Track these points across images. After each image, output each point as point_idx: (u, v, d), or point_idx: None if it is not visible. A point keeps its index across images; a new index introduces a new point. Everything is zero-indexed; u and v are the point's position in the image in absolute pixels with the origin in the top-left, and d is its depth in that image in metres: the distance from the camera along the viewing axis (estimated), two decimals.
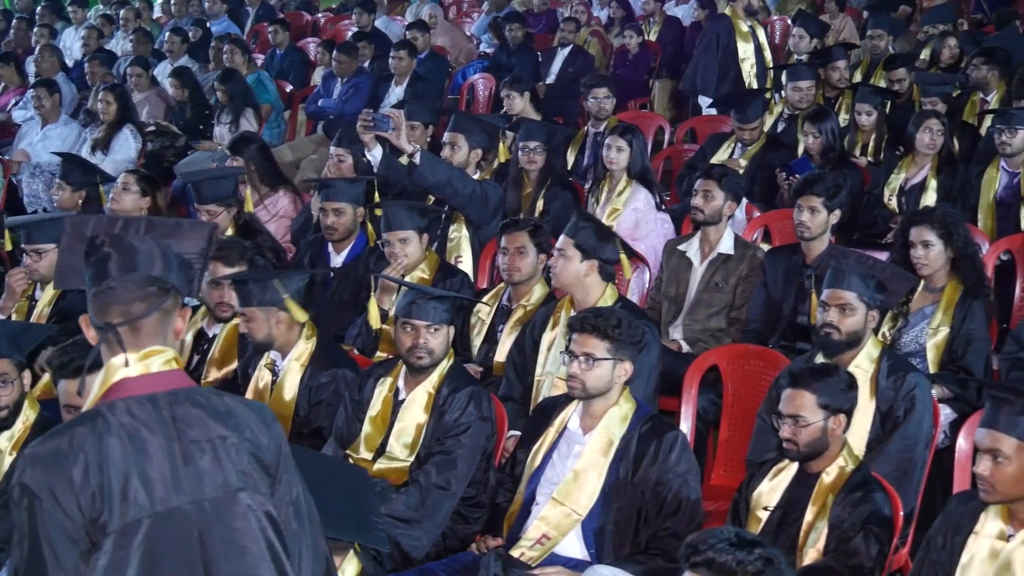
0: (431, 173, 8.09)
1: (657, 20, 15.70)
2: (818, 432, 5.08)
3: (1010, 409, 4.55)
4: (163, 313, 3.44)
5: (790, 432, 5.10)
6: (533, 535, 5.42)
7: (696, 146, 10.81)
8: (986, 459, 4.55)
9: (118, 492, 3.25)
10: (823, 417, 5.07)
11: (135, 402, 3.34)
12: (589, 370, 5.37)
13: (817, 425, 5.07)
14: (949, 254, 6.84)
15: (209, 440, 3.38)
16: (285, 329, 6.26)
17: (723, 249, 7.67)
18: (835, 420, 5.10)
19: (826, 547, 4.99)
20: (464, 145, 8.68)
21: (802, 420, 5.07)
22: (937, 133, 8.94)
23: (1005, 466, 4.52)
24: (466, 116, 9.62)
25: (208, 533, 3.33)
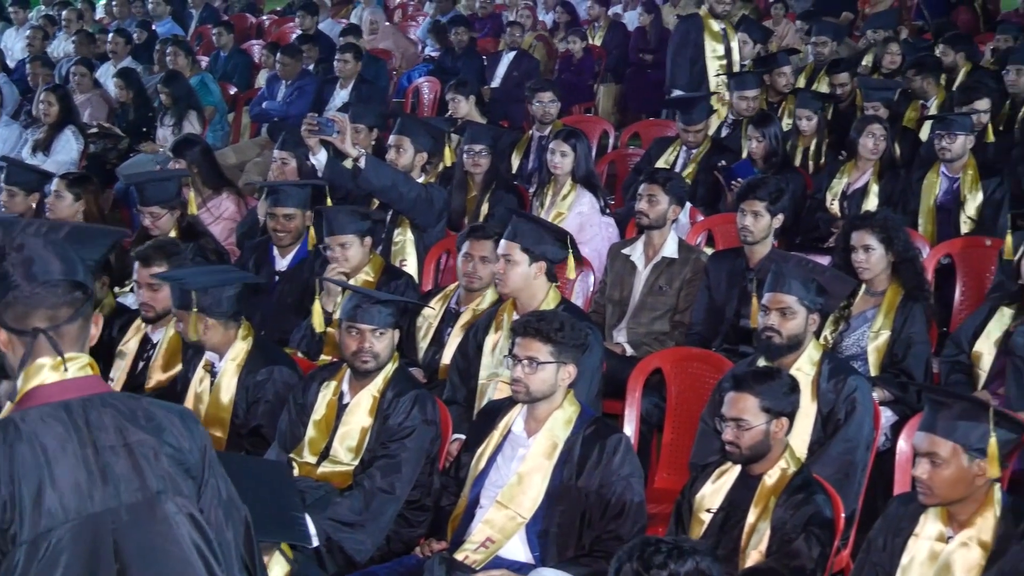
0: (376, 177, 8.08)
1: (602, 25, 15.77)
2: (760, 435, 5.11)
3: (948, 413, 4.60)
4: (84, 319, 3.40)
5: (733, 435, 5.13)
6: (477, 538, 5.42)
7: (641, 150, 10.85)
8: (924, 462, 4.60)
9: (30, 502, 3.19)
10: (765, 420, 5.11)
11: (49, 409, 3.28)
12: (533, 374, 5.39)
13: (759, 428, 5.10)
14: (890, 258, 6.90)
15: (125, 445, 3.32)
16: (220, 330, 6.26)
17: (667, 253, 7.69)
18: (777, 423, 5.14)
19: (768, 549, 5.02)
20: (409, 148, 8.68)
21: (744, 423, 5.11)
22: (880, 138, 9.02)
23: (942, 469, 4.57)
24: (412, 119, 9.63)
25: (125, 539, 3.27)
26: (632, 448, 5.59)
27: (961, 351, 6.83)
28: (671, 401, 6.74)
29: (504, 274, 6.53)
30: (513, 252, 6.51)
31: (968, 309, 7.77)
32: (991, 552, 4.58)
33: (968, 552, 4.62)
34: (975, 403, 4.72)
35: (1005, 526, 4.60)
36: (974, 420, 4.59)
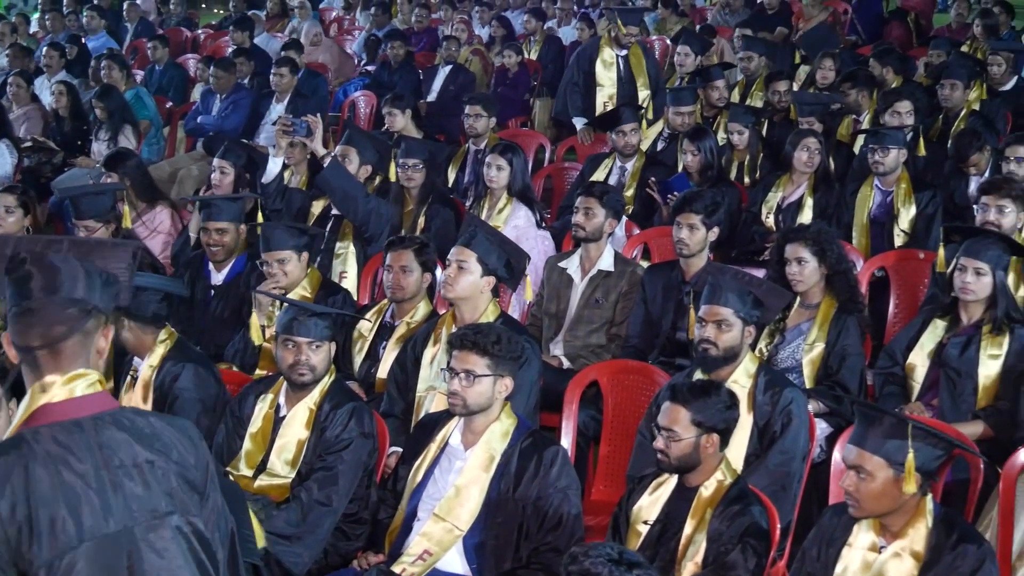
0: (336, 179, 8.10)
1: (538, 39, 15.78)
2: (689, 448, 5.13)
3: (876, 429, 4.64)
4: (84, 335, 3.38)
5: (663, 444, 5.16)
6: (415, 551, 5.43)
7: (577, 164, 10.88)
8: (851, 475, 4.65)
9: (46, 525, 3.19)
10: (695, 434, 5.12)
11: (60, 428, 3.28)
12: (470, 387, 5.40)
13: (688, 441, 5.12)
14: (823, 271, 6.95)
15: (136, 465, 3.33)
16: (138, 333, 6.25)
17: (603, 266, 7.73)
18: (708, 439, 5.14)
19: (704, 560, 5.04)
20: (355, 159, 8.70)
21: (674, 435, 5.13)
22: (814, 152, 9.08)
23: (868, 482, 4.61)
24: (360, 131, 9.62)
25: (138, 559, 3.27)
26: (569, 460, 5.61)
27: (895, 363, 6.88)
28: (608, 413, 6.77)
29: (453, 279, 6.52)
30: (469, 260, 6.52)
31: (902, 321, 7.83)
32: (923, 562, 4.62)
33: (901, 563, 4.65)
34: (901, 419, 4.75)
35: (937, 536, 4.64)
36: (900, 436, 4.63)
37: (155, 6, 20.30)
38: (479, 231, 6.65)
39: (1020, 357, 6.53)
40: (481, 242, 6.54)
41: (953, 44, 13.59)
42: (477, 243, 6.53)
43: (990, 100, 11.44)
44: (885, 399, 6.77)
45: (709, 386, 5.30)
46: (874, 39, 15.67)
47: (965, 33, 14.97)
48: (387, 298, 7.20)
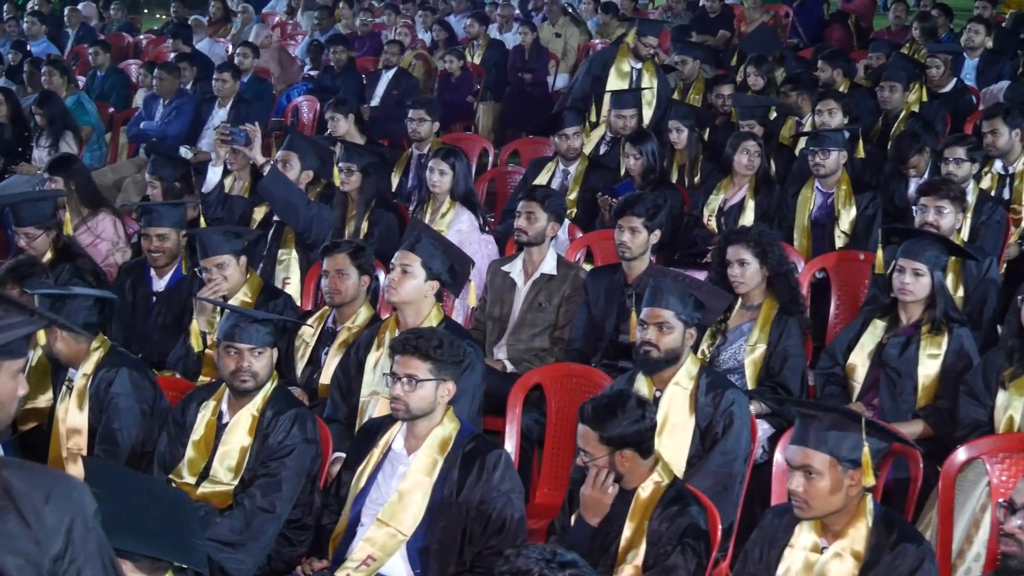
0: (276, 187, 8.09)
1: (481, 43, 15.80)
2: (606, 466, 5.12)
3: (819, 425, 4.66)
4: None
5: (583, 462, 5.16)
6: (358, 556, 5.42)
7: (520, 168, 10.90)
8: (798, 475, 4.66)
9: None
10: (607, 453, 5.10)
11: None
12: (412, 391, 5.39)
13: (603, 460, 5.11)
14: (764, 272, 6.99)
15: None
16: (71, 342, 6.23)
17: (546, 269, 7.74)
18: (621, 455, 5.10)
19: (645, 563, 5.04)
20: (296, 165, 8.69)
21: (588, 454, 5.12)
22: (754, 154, 9.14)
23: (817, 481, 4.62)
24: (302, 137, 9.62)
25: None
26: (512, 464, 5.62)
27: (836, 363, 6.93)
28: (551, 417, 6.77)
29: (397, 283, 6.50)
30: (413, 264, 6.51)
31: (843, 322, 7.89)
32: (864, 562, 4.65)
33: (842, 563, 4.67)
34: (846, 414, 4.79)
35: (877, 536, 4.67)
36: (846, 431, 4.66)
37: (97, 11, 20.19)
38: (423, 235, 6.65)
39: (959, 357, 6.60)
40: (425, 247, 6.54)
41: (893, 46, 13.70)
42: (421, 247, 6.53)
43: (929, 102, 11.54)
44: (826, 399, 6.81)
45: (615, 403, 5.18)
46: (815, 42, 15.79)
47: (904, 35, 15.11)
48: (327, 303, 7.19)
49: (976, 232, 8.56)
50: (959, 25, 14.99)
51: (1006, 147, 9.28)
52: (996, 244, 8.56)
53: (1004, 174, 9.42)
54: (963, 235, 8.20)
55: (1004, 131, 9.21)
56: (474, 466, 5.41)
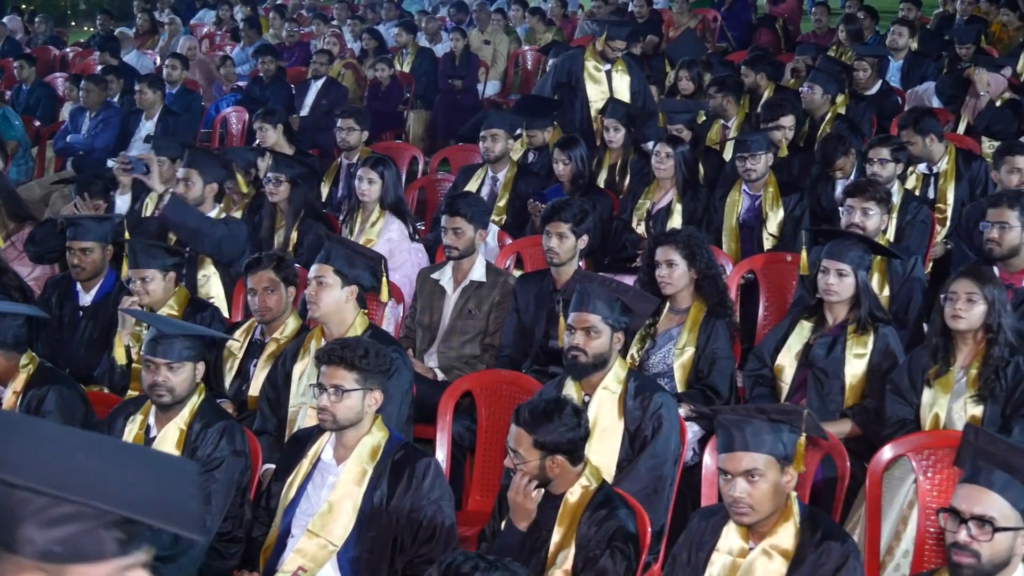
0: (177, 216, 8.03)
1: (410, 52, 15.80)
2: (535, 470, 5.13)
3: (753, 428, 4.66)
4: None
5: (511, 464, 5.18)
6: (289, 568, 5.40)
7: (450, 176, 10.89)
8: (741, 481, 4.63)
9: None
10: (539, 457, 5.12)
11: None
12: (339, 402, 5.38)
13: (534, 464, 5.12)
14: (692, 275, 7.02)
15: None
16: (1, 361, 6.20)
17: (475, 276, 7.75)
18: (552, 460, 5.12)
19: (574, 567, 5.05)
20: (198, 180, 8.60)
21: (519, 457, 5.14)
22: (665, 157, 9.18)
23: (761, 483, 4.61)
24: (198, 152, 9.53)
25: None
26: (442, 471, 5.63)
27: (764, 365, 6.96)
28: (481, 424, 6.77)
29: (316, 297, 6.49)
30: (327, 275, 6.49)
31: (772, 324, 7.93)
32: (792, 560, 4.67)
33: (770, 561, 4.68)
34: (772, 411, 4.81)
35: (803, 535, 4.68)
36: (779, 429, 4.68)
37: (22, 25, 20.01)
38: (332, 245, 6.66)
39: (884, 355, 6.65)
40: (336, 255, 6.53)
41: (819, 49, 13.83)
42: (332, 257, 6.52)
43: (855, 104, 11.65)
44: (755, 401, 6.83)
45: (553, 408, 5.19)
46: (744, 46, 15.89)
47: (831, 38, 15.24)
48: (256, 320, 7.16)
49: (902, 232, 8.63)
50: (884, 27, 15.14)
51: (923, 154, 9.39)
52: (921, 243, 8.64)
53: (928, 174, 9.52)
54: (889, 235, 8.27)
55: (917, 139, 9.34)
56: (403, 474, 5.41)
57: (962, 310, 6.17)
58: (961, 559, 4.17)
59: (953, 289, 6.22)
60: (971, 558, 4.16)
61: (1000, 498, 4.18)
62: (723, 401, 6.84)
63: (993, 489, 4.18)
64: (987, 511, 4.16)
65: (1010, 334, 6.21)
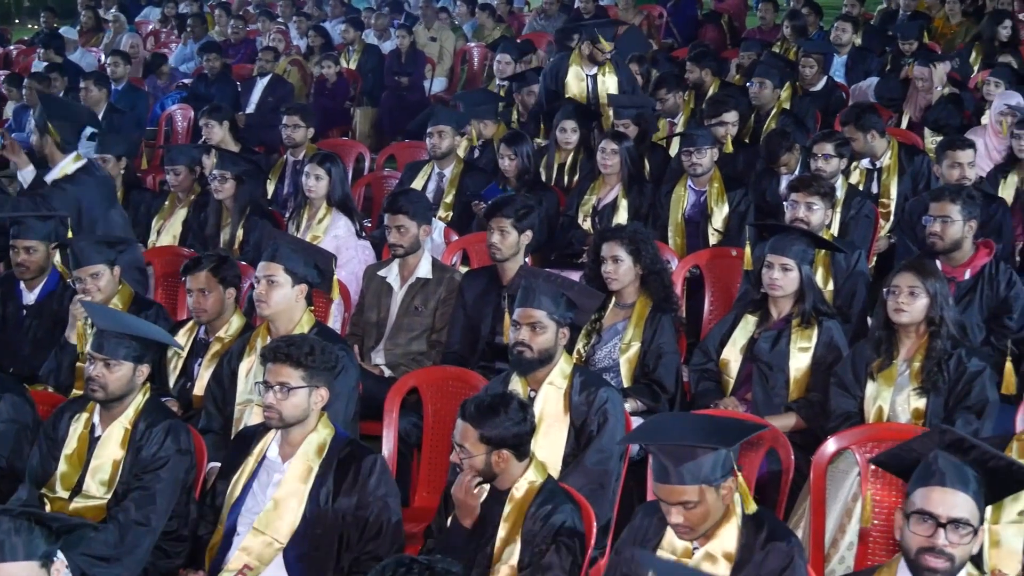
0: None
1: (357, 49, 15.77)
2: (481, 464, 5.14)
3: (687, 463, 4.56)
4: None
5: (457, 459, 5.18)
6: (234, 566, 5.39)
7: (397, 172, 10.89)
8: (677, 509, 4.60)
9: None
10: (485, 451, 5.13)
11: None
12: (285, 399, 5.37)
13: (480, 458, 5.13)
14: (638, 270, 7.05)
15: None
16: None
17: (421, 273, 7.74)
18: (498, 455, 5.13)
19: (520, 562, 5.07)
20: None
21: (465, 451, 5.14)
22: (609, 154, 9.21)
23: (697, 509, 4.58)
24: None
25: None
26: (388, 468, 5.62)
27: (709, 359, 7.00)
28: (428, 420, 6.77)
29: (266, 295, 6.45)
30: (276, 273, 6.46)
31: (717, 318, 7.94)
32: (735, 562, 4.66)
33: (714, 565, 4.67)
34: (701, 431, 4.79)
35: (747, 535, 4.68)
36: (707, 454, 4.58)
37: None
38: (280, 242, 6.63)
39: (829, 349, 6.71)
40: (285, 253, 6.51)
41: (764, 45, 13.89)
42: (281, 255, 6.49)
43: (800, 99, 11.72)
44: (701, 395, 6.89)
45: (499, 403, 5.21)
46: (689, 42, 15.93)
47: (775, 34, 15.30)
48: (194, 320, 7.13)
49: (846, 226, 8.71)
50: (828, 23, 15.22)
51: (865, 150, 9.48)
52: (865, 238, 8.71)
53: (872, 169, 9.60)
54: (833, 229, 8.33)
55: (859, 135, 9.43)
56: (350, 472, 5.40)
57: (905, 303, 6.23)
58: (937, 563, 4.18)
59: (896, 283, 6.27)
60: (947, 562, 4.18)
61: (970, 498, 4.22)
62: (669, 396, 6.88)
63: (961, 490, 4.21)
64: (963, 514, 4.19)
65: (952, 327, 6.28)
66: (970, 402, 6.16)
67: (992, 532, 5.01)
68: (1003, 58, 12.15)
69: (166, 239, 9.49)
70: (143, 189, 10.54)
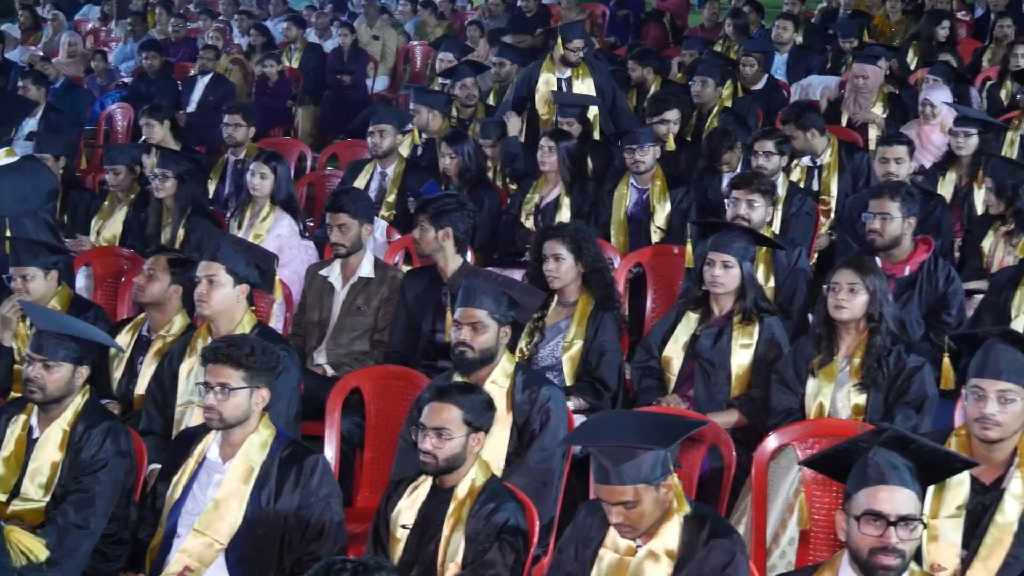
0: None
1: (299, 47, 15.73)
2: (459, 447, 5.17)
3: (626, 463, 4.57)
4: None
5: (431, 445, 5.16)
6: (175, 568, 5.37)
7: (339, 171, 10.85)
8: (618, 509, 4.61)
9: None
10: (465, 432, 5.17)
11: None
12: (226, 400, 5.35)
13: (459, 440, 5.16)
14: (579, 269, 7.05)
15: None
16: None
17: (363, 273, 7.72)
18: (475, 437, 5.21)
19: (464, 560, 5.08)
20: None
21: (447, 433, 5.15)
22: (548, 152, 9.21)
23: (638, 507, 4.59)
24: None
25: None
26: (330, 468, 5.62)
27: (651, 356, 7.00)
28: (370, 420, 6.75)
29: (207, 295, 6.42)
30: (217, 273, 6.43)
31: (659, 316, 7.95)
32: (677, 560, 4.67)
33: (657, 564, 4.68)
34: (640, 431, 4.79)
35: (689, 533, 4.68)
36: (650, 455, 4.59)
37: None
38: (221, 242, 6.59)
39: (770, 346, 6.73)
40: (226, 252, 6.47)
41: (706, 43, 13.94)
42: (222, 255, 6.46)
43: (742, 98, 11.76)
44: (643, 393, 6.90)
45: (471, 386, 5.38)
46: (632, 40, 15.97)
47: (717, 32, 15.37)
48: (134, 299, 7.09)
49: (787, 223, 8.75)
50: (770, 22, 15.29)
51: (805, 148, 9.53)
52: (806, 235, 8.75)
53: (812, 166, 9.66)
54: (774, 227, 8.37)
55: (799, 134, 9.48)
56: (291, 472, 5.39)
57: (844, 300, 6.26)
58: (891, 562, 4.20)
59: (836, 280, 6.30)
60: (899, 558, 4.21)
61: (913, 493, 4.26)
62: (611, 393, 6.89)
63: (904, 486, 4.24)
64: (910, 510, 4.23)
65: (892, 323, 6.32)
66: (909, 398, 6.20)
67: (930, 527, 5.04)
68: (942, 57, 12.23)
69: (106, 239, 9.42)
70: (82, 189, 10.45)
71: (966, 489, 5.12)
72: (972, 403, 5.09)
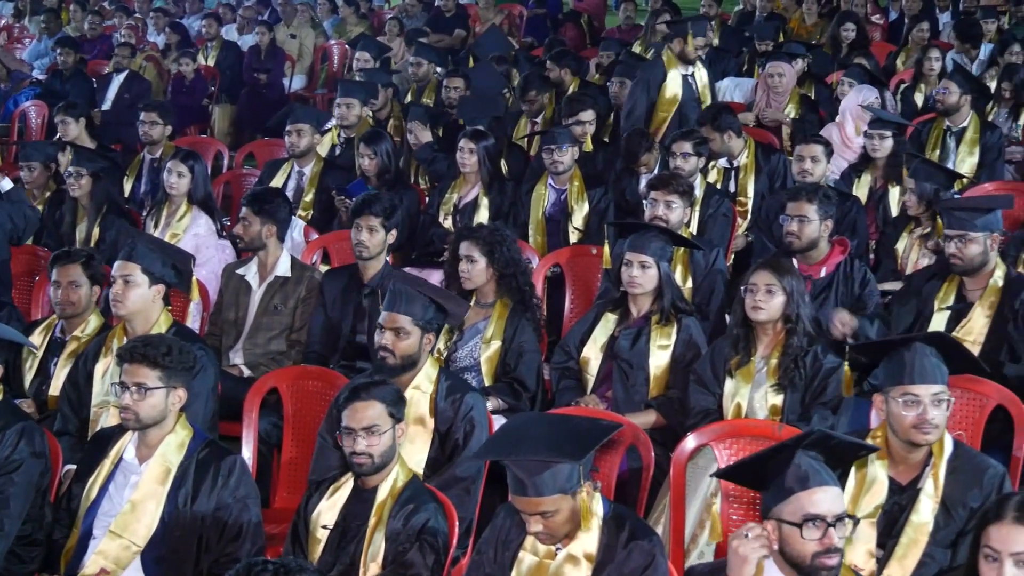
0: None
1: (215, 45, 15.63)
2: (390, 441, 5.18)
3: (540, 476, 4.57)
4: None
5: (365, 445, 5.15)
6: (91, 570, 5.32)
7: (256, 170, 10.80)
8: (536, 519, 4.61)
9: None
10: (391, 425, 5.19)
11: None
12: (142, 400, 5.31)
13: (389, 433, 5.17)
14: (492, 271, 7.06)
15: None
16: None
17: (280, 272, 7.69)
18: (399, 428, 5.24)
19: (385, 560, 5.08)
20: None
21: (377, 429, 5.15)
22: (467, 153, 9.20)
23: (556, 517, 4.60)
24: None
25: None
26: (247, 469, 5.58)
27: (570, 357, 7.02)
28: (288, 420, 6.72)
29: (122, 295, 6.37)
30: (133, 273, 6.38)
31: (578, 316, 7.97)
32: (596, 562, 4.68)
33: (576, 568, 4.70)
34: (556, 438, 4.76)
35: (608, 535, 4.70)
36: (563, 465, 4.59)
37: None
38: (137, 241, 6.55)
39: (688, 346, 6.77)
40: (142, 252, 6.42)
41: (622, 45, 13.98)
42: (138, 254, 6.41)
43: None
44: (561, 393, 6.91)
45: (381, 380, 5.41)
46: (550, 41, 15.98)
47: (635, 33, 15.41)
48: (56, 314, 7.01)
49: (704, 224, 8.78)
50: None
51: (722, 150, 9.57)
52: (723, 236, 8.79)
53: (729, 168, 9.70)
54: (692, 228, 8.40)
55: (715, 136, 9.50)
56: (209, 473, 5.35)
57: (762, 301, 6.30)
58: (833, 561, 4.21)
59: (753, 281, 6.34)
60: (839, 556, 4.23)
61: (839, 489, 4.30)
62: (530, 394, 6.90)
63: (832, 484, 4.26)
64: (843, 507, 4.26)
65: (808, 324, 6.37)
66: (826, 398, 6.25)
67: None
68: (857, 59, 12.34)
69: None
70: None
71: (884, 490, 5.18)
72: (904, 409, 5.11)
